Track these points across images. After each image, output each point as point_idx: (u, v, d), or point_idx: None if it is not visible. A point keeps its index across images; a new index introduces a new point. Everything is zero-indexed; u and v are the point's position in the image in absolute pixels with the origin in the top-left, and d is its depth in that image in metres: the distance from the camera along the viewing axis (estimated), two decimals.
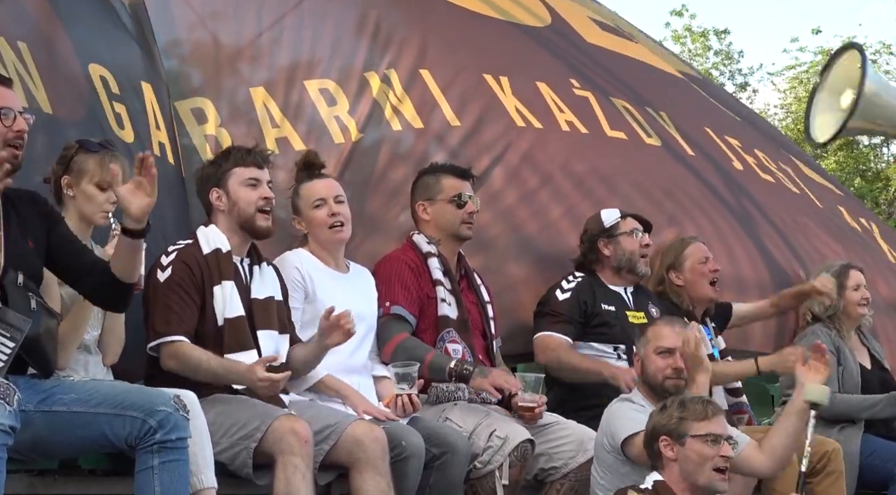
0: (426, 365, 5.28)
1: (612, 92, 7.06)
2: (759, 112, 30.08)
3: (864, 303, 6.84)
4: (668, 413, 4.74)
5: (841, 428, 6.48)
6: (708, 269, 6.39)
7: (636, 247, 6.14)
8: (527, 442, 5.18)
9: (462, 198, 5.67)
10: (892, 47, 29.27)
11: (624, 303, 6.14)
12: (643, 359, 5.29)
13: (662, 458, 4.72)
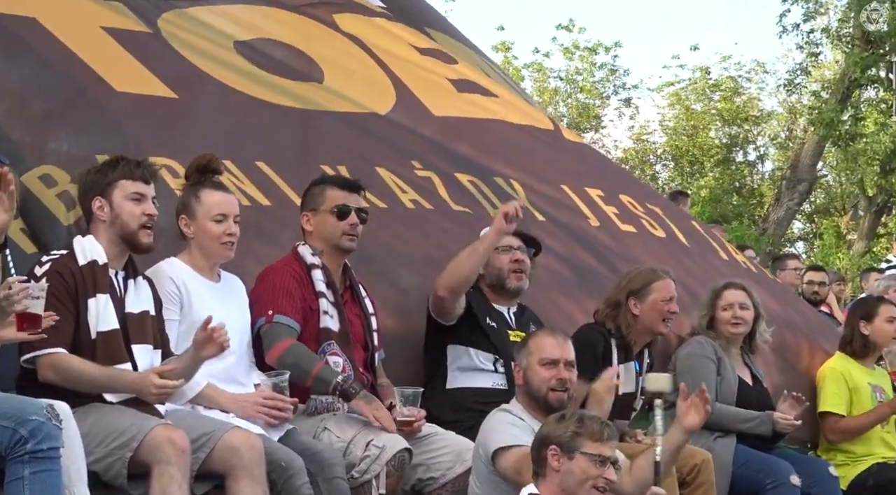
0: (312, 375, 5.26)
1: (457, 168, 7.05)
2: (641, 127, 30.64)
3: (736, 322, 6.88)
4: (565, 424, 4.73)
5: (716, 437, 6.57)
6: (668, 309, 6.39)
7: (505, 264, 6.09)
8: (404, 451, 5.19)
9: (344, 210, 5.63)
10: (767, 65, 29.92)
11: (506, 322, 6.15)
12: (525, 371, 5.30)
13: (546, 467, 4.71)
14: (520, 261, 6.16)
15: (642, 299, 6.33)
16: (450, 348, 6.02)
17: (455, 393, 5.95)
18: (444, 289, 5.84)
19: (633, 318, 6.33)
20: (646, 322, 6.35)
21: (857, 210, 27.91)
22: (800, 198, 24.47)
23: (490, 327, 6.04)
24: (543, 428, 4.82)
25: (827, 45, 24.97)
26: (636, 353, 6.43)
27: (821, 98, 24.12)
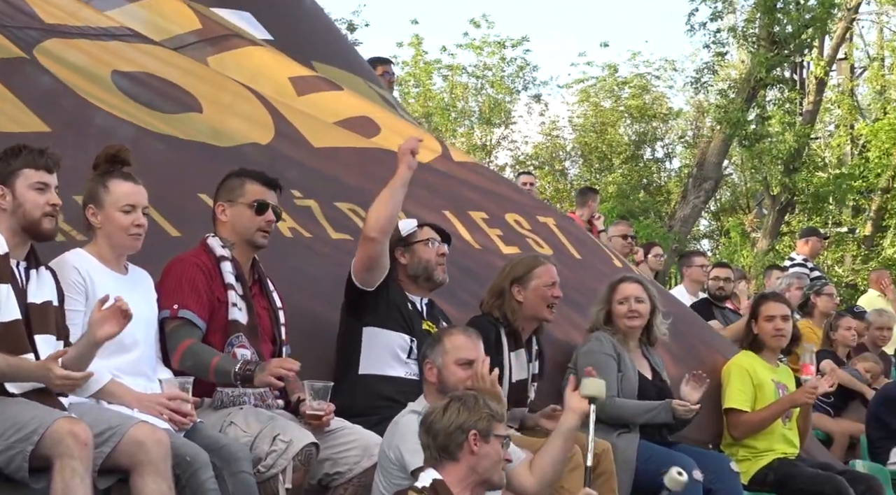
0: (212, 370, 5.24)
1: (336, 197, 7.09)
2: (551, 123, 30.79)
3: (632, 315, 6.96)
4: (479, 410, 4.77)
5: (619, 433, 6.64)
6: (551, 294, 6.45)
7: (432, 257, 6.19)
8: (311, 445, 5.17)
9: (263, 205, 5.62)
10: (676, 63, 30.24)
11: (419, 311, 6.20)
12: (441, 370, 5.32)
13: (461, 452, 4.74)
14: (444, 254, 6.27)
15: (525, 285, 6.41)
16: (366, 331, 6.04)
17: (367, 380, 5.95)
18: (373, 229, 5.85)
19: (517, 305, 6.40)
20: (530, 308, 6.42)
21: (761, 208, 28.32)
22: (706, 195, 24.79)
23: (405, 311, 6.09)
24: (455, 414, 4.80)
25: (733, 44, 25.32)
26: (525, 340, 6.47)
27: (727, 97, 24.44)
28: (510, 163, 30.21)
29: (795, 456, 7.52)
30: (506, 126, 30.04)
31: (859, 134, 26.91)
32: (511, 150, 30.81)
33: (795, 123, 24.40)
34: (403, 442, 5.09)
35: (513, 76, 29.53)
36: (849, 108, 27.80)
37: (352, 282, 6.01)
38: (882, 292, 14.48)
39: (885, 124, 25.18)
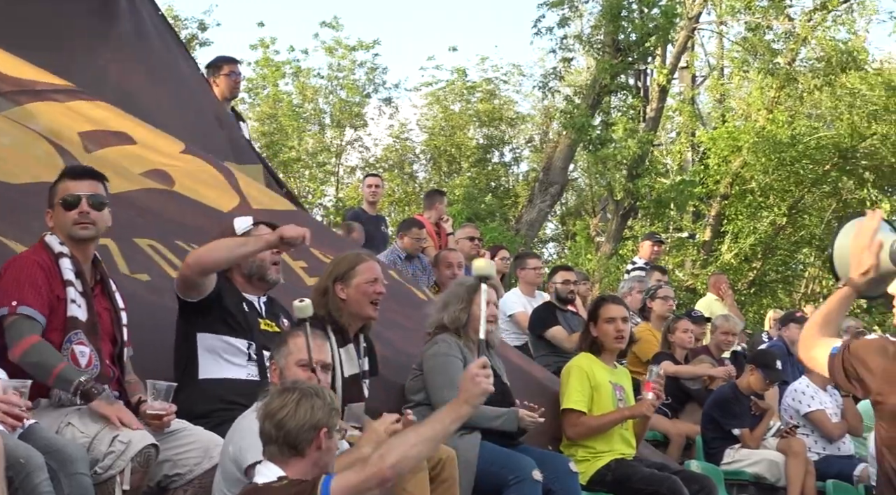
0: (54, 375, 5.15)
1: (138, 233, 7.07)
2: (400, 125, 30.88)
3: (490, 320, 7.06)
4: (326, 406, 4.73)
5: (461, 434, 6.63)
6: (373, 290, 6.41)
7: (266, 256, 6.13)
8: (150, 447, 5.11)
9: (69, 200, 5.52)
10: (524, 68, 30.60)
11: (256, 310, 6.15)
12: (283, 370, 5.28)
13: (310, 447, 4.69)
14: (280, 252, 6.21)
15: (347, 283, 6.36)
16: (200, 337, 5.96)
17: (207, 384, 5.89)
18: (194, 266, 5.79)
19: (341, 302, 6.36)
20: (353, 305, 6.37)
21: (605, 213, 28.80)
22: (552, 199, 25.09)
23: (242, 312, 6.03)
24: (309, 414, 4.76)
25: (580, 50, 25.71)
26: (353, 337, 6.46)
27: (573, 102, 24.80)
28: (360, 165, 30.23)
29: (632, 457, 7.64)
30: (356, 128, 30.05)
31: (699, 141, 27.57)
32: (361, 153, 30.84)
33: (638, 130, 24.88)
34: (243, 439, 5.06)
35: (364, 80, 29.55)
36: (689, 116, 28.47)
37: None
38: (719, 296, 14.88)
39: (724, 132, 25.84)
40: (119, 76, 8.41)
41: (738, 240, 25.64)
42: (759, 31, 25.80)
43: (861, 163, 25.50)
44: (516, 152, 31.95)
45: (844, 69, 25.05)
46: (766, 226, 25.70)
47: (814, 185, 26.22)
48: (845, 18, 25.47)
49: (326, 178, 30.18)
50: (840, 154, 25.14)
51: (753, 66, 26.51)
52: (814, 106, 26.89)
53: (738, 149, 25.36)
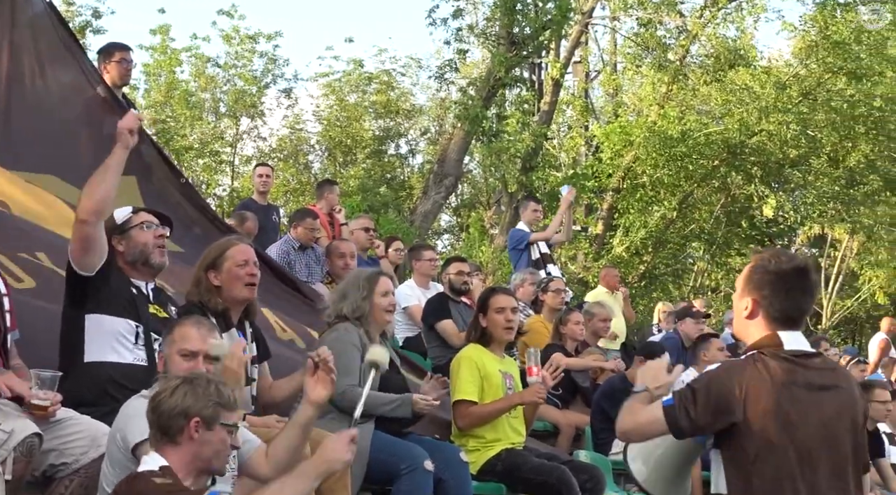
0: None
1: None
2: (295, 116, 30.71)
3: (391, 309, 7.12)
4: (206, 396, 4.71)
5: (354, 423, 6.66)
6: (245, 272, 6.38)
7: (149, 240, 6.10)
8: (34, 436, 5.04)
9: None
10: (422, 61, 30.65)
11: (145, 295, 6.10)
12: (167, 359, 5.25)
13: (182, 436, 4.68)
14: (163, 235, 6.18)
15: (219, 269, 6.34)
16: (89, 318, 5.89)
17: (94, 367, 5.81)
18: (86, 211, 5.70)
19: (216, 290, 6.33)
20: (227, 290, 6.34)
21: (500, 205, 28.95)
22: (446, 191, 25.15)
23: (130, 294, 5.99)
24: (181, 399, 4.74)
25: (475, 43, 25.80)
26: (237, 323, 6.42)
27: (468, 95, 24.89)
28: (255, 155, 30.02)
29: (522, 446, 7.71)
30: (253, 118, 29.84)
31: (592, 135, 27.85)
32: (256, 143, 30.64)
33: (532, 123, 25.05)
34: (128, 421, 5.01)
35: (263, 70, 29.34)
36: (582, 110, 28.75)
37: (72, 269, 5.87)
38: (610, 289, 15.05)
39: (617, 127, 26.13)
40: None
41: (630, 234, 25.94)
42: (651, 27, 26.12)
43: (749, 159, 25.95)
44: (412, 144, 32.03)
45: (733, 66, 25.47)
46: (656, 220, 26.04)
47: (703, 180, 26.63)
48: (735, 16, 25.88)
49: (221, 168, 29.93)
50: (729, 150, 25.55)
51: (645, 61, 26.84)
52: (704, 102, 27.28)
53: (631, 143, 25.65)
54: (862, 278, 30.79)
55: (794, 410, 4.33)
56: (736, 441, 4.35)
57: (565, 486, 7.32)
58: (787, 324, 4.48)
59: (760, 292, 4.48)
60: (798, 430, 4.33)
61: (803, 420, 4.34)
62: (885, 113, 25.02)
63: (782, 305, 4.45)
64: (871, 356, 17.20)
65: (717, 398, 4.35)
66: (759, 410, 4.30)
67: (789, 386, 4.34)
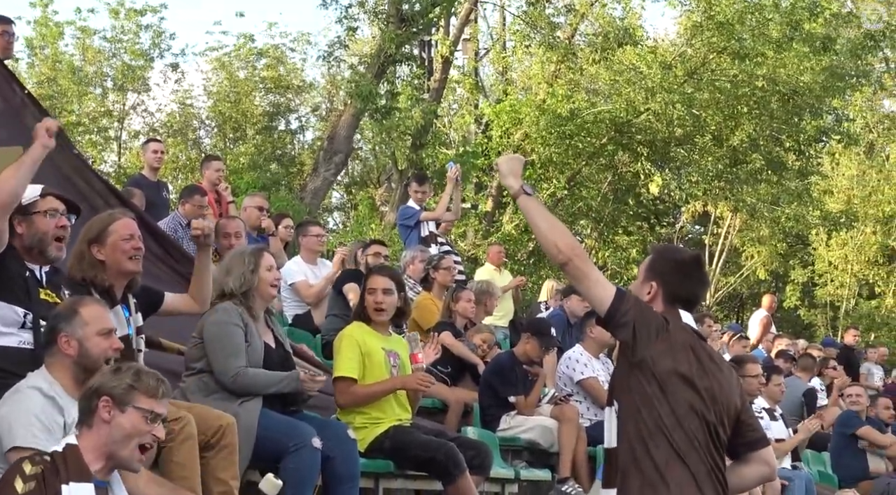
0: None
1: None
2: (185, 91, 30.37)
3: (276, 284, 7.12)
4: (121, 377, 4.71)
5: (241, 402, 6.66)
6: (131, 246, 6.30)
7: (50, 229, 5.96)
8: None
9: None
10: (311, 36, 30.48)
11: (37, 279, 5.97)
12: (81, 341, 5.21)
13: (95, 416, 4.68)
14: (65, 226, 6.06)
15: (103, 243, 6.28)
16: None
17: None
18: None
19: (100, 264, 6.26)
20: (113, 264, 6.27)
21: (390, 183, 28.97)
22: (336, 168, 25.09)
23: (22, 279, 5.86)
24: (98, 378, 4.77)
25: (364, 20, 25.73)
26: (120, 298, 6.37)
27: (358, 72, 24.84)
28: (143, 130, 29.63)
29: (410, 423, 7.76)
30: (140, 93, 29.44)
31: (482, 113, 27.98)
32: (144, 118, 30.25)
33: (422, 100, 25.08)
34: (14, 417, 4.97)
35: (149, 44, 28.94)
36: (471, 88, 28.87)
37: None
38: (497, 266, 15.21)
39: (507, 106, 26.30)
40: None
41: (519, 212, 26.12)
42: (539, 5, 26.30)
43: (636, 138, 26.30)
44: (302, 120, 31.89)
45: (621, 44, 25.77)
46: (546, 197, 26.29)
47: (591, 158, 26.93)
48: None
49: (107, 144, 29.49)
50: (616, 128, 25.87)
51: (534, 40, 27.01)
52: (592, 81, 27.56)
53: (520, 122, 25.83)
54: (744, 255, 31.45)
55: (694, 368, 4.72)
56: (637, 377, 4.70)
57: (452, 462, 7.39)
58: (684, 306, 4.92)
59: (662, 277, 4.93)
60: (691, 387, 4.71)
61: (699, 379, 4.73)
62: (767, 93, 25.49)
63: (681, 289, 4.93)
64: (753, 332, 17.61)
65: (652, 319, 4.74)
66: (665, 353, 4.69)
67: (692, 347, 4.76)
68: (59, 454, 4.63)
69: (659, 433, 4.67)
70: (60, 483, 4.53)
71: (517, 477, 9.27)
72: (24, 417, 4.96)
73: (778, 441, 10.85)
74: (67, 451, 4.63)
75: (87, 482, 4.60)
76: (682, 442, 4.66)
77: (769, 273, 30.81)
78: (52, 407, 5.05)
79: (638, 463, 4.68)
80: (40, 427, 4.96)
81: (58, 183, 7.90)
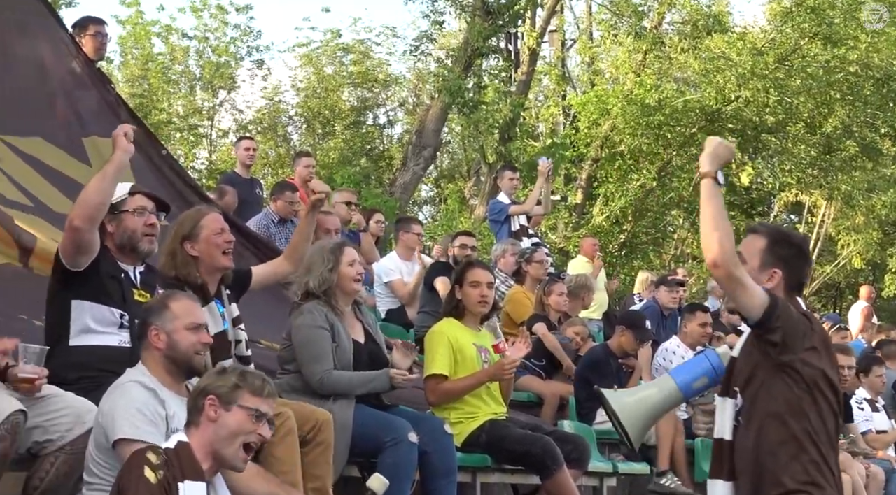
0: None
1: None
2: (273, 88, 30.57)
3: (359, 278, 7.08)
4: (227, 377, 4.76)
5: (334, 399, 6.66)
6: (223, 240, 6.34)
7: (139, 226, 6.00)
8: (18, 413, 5.01)
9: None
10: (397, 30, 30.52)
11: (131, 280, 6.02)
12: (169, 334, 5.23)
13: (202, 416, 4.71)
14: (154, 224, 6.09)
15: (195, 239, 6.31)
16: (74, 304, 5.83)
17: (79, 351, 5.77)
18: (80, 218, 5.65)
19: (193, 261, 6.30)
20: (207, 258, 6.31)
21: (479, 176, 28.92)
22: (425, 162, 25.10)
23: (117, 281, 5.91)
24: (204, 379, 4.82)
25: (451, 13, 25.69)
26: (214, 294, 6.41)
27: (445, 65, 24.80)
28: (233, 128, 29.91)
29: (505, 417, 7.70)
30: (229, 90, 29.70)
31: (570, 105, 27.81)
32: (234, 115, 30.51)
33: (510, 93, 24.98)
34: (116, 412, 5.00)
35: (235, 41, 29.18)
36: (558, 79, 28.70)
37: (61, 262, 5.82)
38: (590, 258, 15.10)
39: (593, 96, 26.11)
40: None
41: (609, 203, 25.96)
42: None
43: (727, 126, 25.97)
44: (390, 114, 31.95)
45: (710, 32, 25.46)
46: (635, 188, 26.07)
47: (681, 148, 26.65)
48: None
49: (198, 141, 29.81)
50: (706, 117, 25.57)
51: (621, 29, 26.79)
52: (681, 69, 27.27)
53: (608, 112, 25.64)
54: (840, 244, 30.93)
55: (834, 369, 4.79)
56: (782, 379, 4.67)
57: (550, 456, 7.33)
58: (798, 292, 4.91)
59: (786, 263, 4.86)
60: (832, 388, 4.76)
61: (834, 375, 4.79)
62: (860, 78, 25.05)
63: (802, 274, 4.92)
64: (853, 324, 17.30)
65: (799, 322, 4.72)
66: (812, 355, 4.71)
67: (825, 343, 4.80)
68: (171, 451, 4.66)
69: (807, 438, 4.64)
70: (177, 480, 4.55)
71: (615, 470, 9.17)
72: (127, 410, 4.98)
73: (880, 432, 10.64)
74: (180, 448, 4.66)
75: (201, 481, 4.64)
76: (825, 445, 4.66)
77: (865, 262, 30.25)
78: (154, 399, 5.07)
79: (785, 466, 4.63)
80: (143, 419, 4.98)
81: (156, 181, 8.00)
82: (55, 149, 7.88)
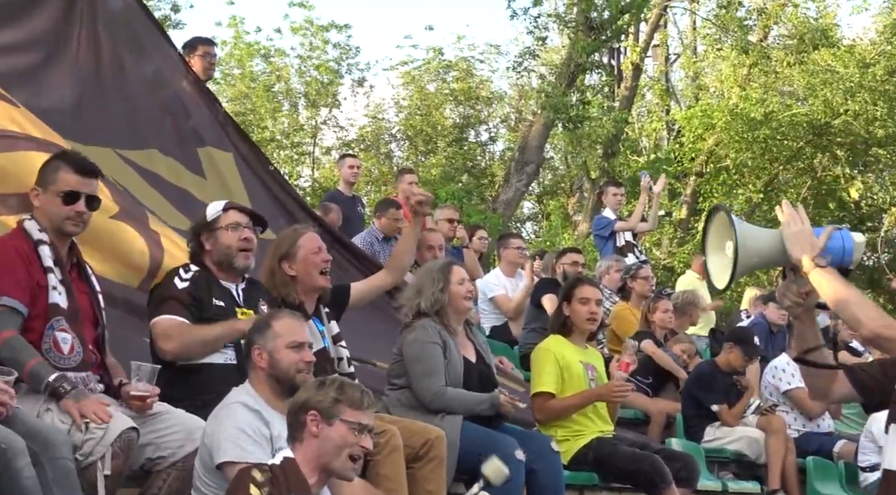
0: (27, 371, 5.06)
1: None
2: (376, 106, 30.79)
3: (469, 296, 7.08)
4: (325, 391, 4.77)
5: (442, 416, 6.67)
6: (320, 259, 6.39)
7: (234, 242, 6.04)
8: (131, 431, 5.06)
9: (71, 195, 5.43)
10: (501, 47, 30.56)
11: (234, 299, 6.07)
12: (271, 353, 5.26)
13: (304, 432, 4.73)
14: (248, 239, 6.13)
15: (293, 259, 6.37)
16: None
17: (187, 370, 5.84)
18: (174, 354, 5.78)
19: (291, 280, 6.36)
20: (304, 278, 6.37)
21: (582, 192, 28.80)
22: (528, 179, 25.02)
23: (217, 306, 5.95)
24: (302, 393, 4.84)
25: (554, 29, 25.66)
26: (312, 312, 6.43)
27: (549, 82, 24.76)
28: (336, 145, 30.15)
29: (612, 435, 7.65)
30: (331, 109, 29.94)
31: (673, 119, 27.60)
32: (336, 133, 30.76)
33: (613, 108, 24.86)
34: (220, 434, 5.04)
35: (337, 59, 29.42)
36: (662, 94, 28.49)
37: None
38: (701, 275, 14.92)
39: (698, 110, 25.88)
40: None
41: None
42: (730, 8, 25.82)
43: (835, 140, 25.56)
44: (492, 131, 31.96)
45: (817, 46, 25.10)
46: (741, 203, 25.76)
47: (788, 163, 26.29)
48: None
49: (301, 159, 30.09)
50: (814, 131, 25.20)
51: (725, 43, 26.53)
52: (787, 83, 26.91)
53: (712, 126, 25.39)
54: None
55: None
56: None
57: (659, 475, 7.26)
58: None
59: None
60: None
61: None
62: None
63: None
64: None
65: None
66: None
67: None
68: (277, 467, 4.68)
69: None
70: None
71: (724, 489, 9.07)
72: (231, 432, 5.02)
73: None
74: (286, 464, 4.69)
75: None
76: None
77: None
78: (258, 420, 5.10)
79: None
80: (248, 440, 5.02)
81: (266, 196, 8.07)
82: (170, 161, 7.98)
